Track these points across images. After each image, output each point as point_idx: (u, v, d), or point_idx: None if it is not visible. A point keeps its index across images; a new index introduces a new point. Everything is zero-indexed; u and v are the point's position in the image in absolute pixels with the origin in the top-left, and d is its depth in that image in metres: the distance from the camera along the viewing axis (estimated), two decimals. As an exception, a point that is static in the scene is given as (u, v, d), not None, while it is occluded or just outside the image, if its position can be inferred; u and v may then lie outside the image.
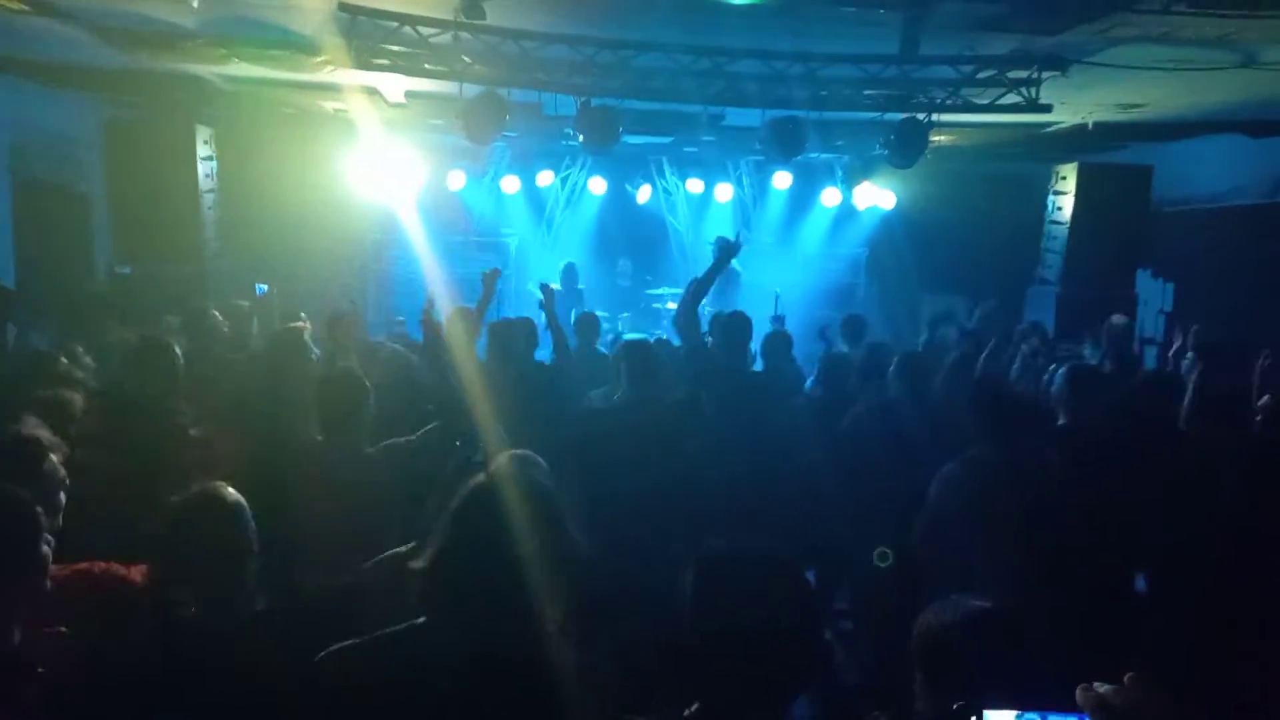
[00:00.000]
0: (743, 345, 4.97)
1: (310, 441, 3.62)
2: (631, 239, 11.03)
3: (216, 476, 2.45)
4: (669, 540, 2.76)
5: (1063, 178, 8.73)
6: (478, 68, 5.86)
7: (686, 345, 4.65)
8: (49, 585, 2.02)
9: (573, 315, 7.26)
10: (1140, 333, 8.59)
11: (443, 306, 4.36)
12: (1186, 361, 5.62)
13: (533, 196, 10.86)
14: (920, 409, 4.24)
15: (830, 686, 4.18)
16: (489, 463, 2.63)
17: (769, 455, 3.99)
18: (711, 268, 4.98)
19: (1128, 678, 1.07)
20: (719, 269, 4.99)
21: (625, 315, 10.37)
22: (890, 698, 2.03)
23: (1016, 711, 1.26)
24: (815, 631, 1.64)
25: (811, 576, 3.61)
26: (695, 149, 9.35)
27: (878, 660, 4.29)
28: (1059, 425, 4.02)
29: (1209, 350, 4.82)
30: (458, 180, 9.74)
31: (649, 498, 3.24)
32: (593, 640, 2.34)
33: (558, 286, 9.49)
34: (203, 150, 7.93)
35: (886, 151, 6.96)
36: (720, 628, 1.47)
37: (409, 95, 7.19)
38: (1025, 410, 3.58)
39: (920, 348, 6.27)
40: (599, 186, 10.51)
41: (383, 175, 8.71)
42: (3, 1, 4.85)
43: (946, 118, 6.62)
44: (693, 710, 1.50)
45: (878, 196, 10.11)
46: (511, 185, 10.35)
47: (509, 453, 2.86)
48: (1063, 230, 8.61)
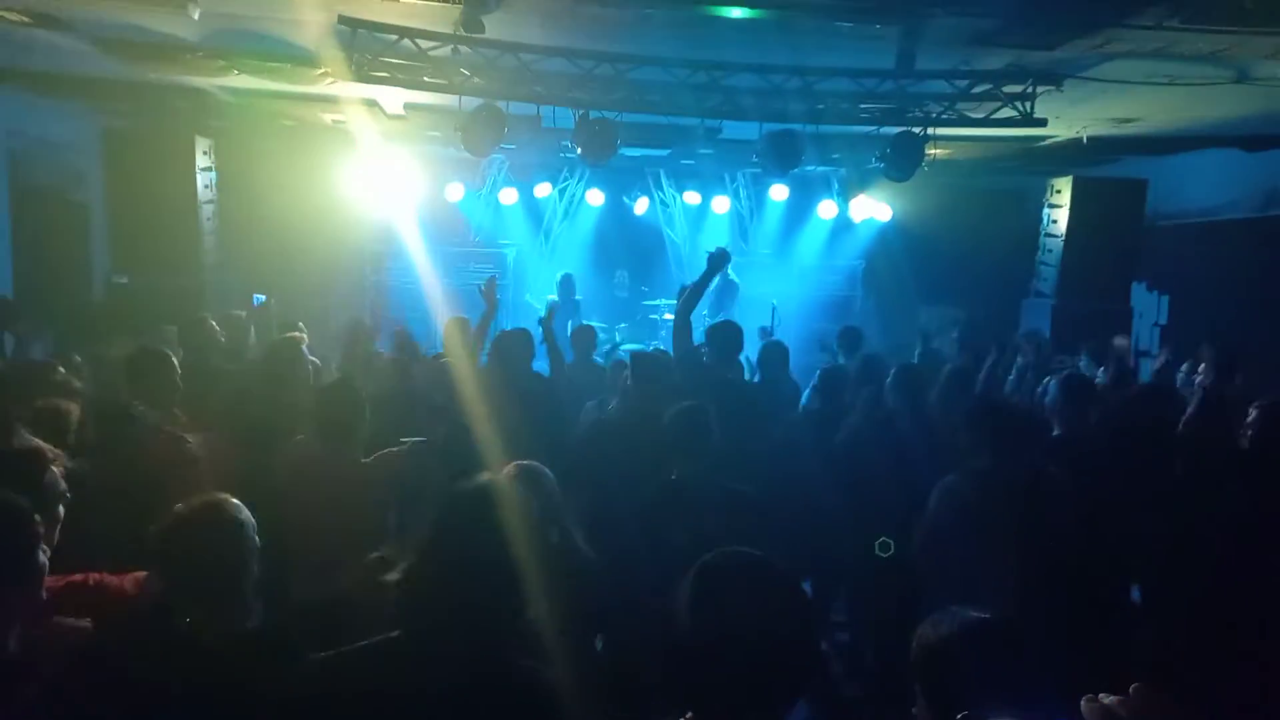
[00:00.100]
0: (732, 354, 4.98)
1: (307, 451, 3.62)
2: (629, 250, 11.07)
3: (213, 486, 2.44)
4: (668, 550, 2.76)
5: (1058, 191, 8.77)
6: (476, 81, 5.89)
7: (678, 353, 4.68)
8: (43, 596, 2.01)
9: (570, 326, 7.26)
10: (1135, 345, 8.61)
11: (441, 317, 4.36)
12: (1182, 374, 5.65)
13: (531, 208, 10.89)
14: (917, 421, 4.25)
15: (828, 697, 4.17)
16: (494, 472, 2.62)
17: (765, 467, 3.99)
18: (701, 277, 5.03)
19: (1133, 688, 1.07)
20: (708, 278, 5.03)
21: (622, 326, 10.40)
22: (888, 708, 2.03)
23: None
24: (811, 640, 1.64)
25: (808, 587, 3.63)
26: (693, 161, 9.38)
27: (875, 671, 4.28)
28: (1054, 436, 4.04)
29: (1224, 364, 4.82)
30: (456, 192, 9.77)
31: (649, 507, 3.24)
32: (579, 653, 2.32)
33: (554, 297, 9.57)
34: (202, 161, 7.94)
35: (883, 165, 7.00)
36: (716, 636, 1.47)
37: (408, 107, 7.22)
38: (1022, 422, 3.59)
39: (915, 359, 6.28)
40: (597, 198, 10.54)
41: (381, 187, 8.74)
42: (3, 13, 4.87)
43: (942, 131, 6.66)
44: (689, 718, 1.50)
45: (874, 209, 10.15)
46: (509, 197, 10.38)
47: (516, 463, 2.87)
48: (1058, 243, 8.64)
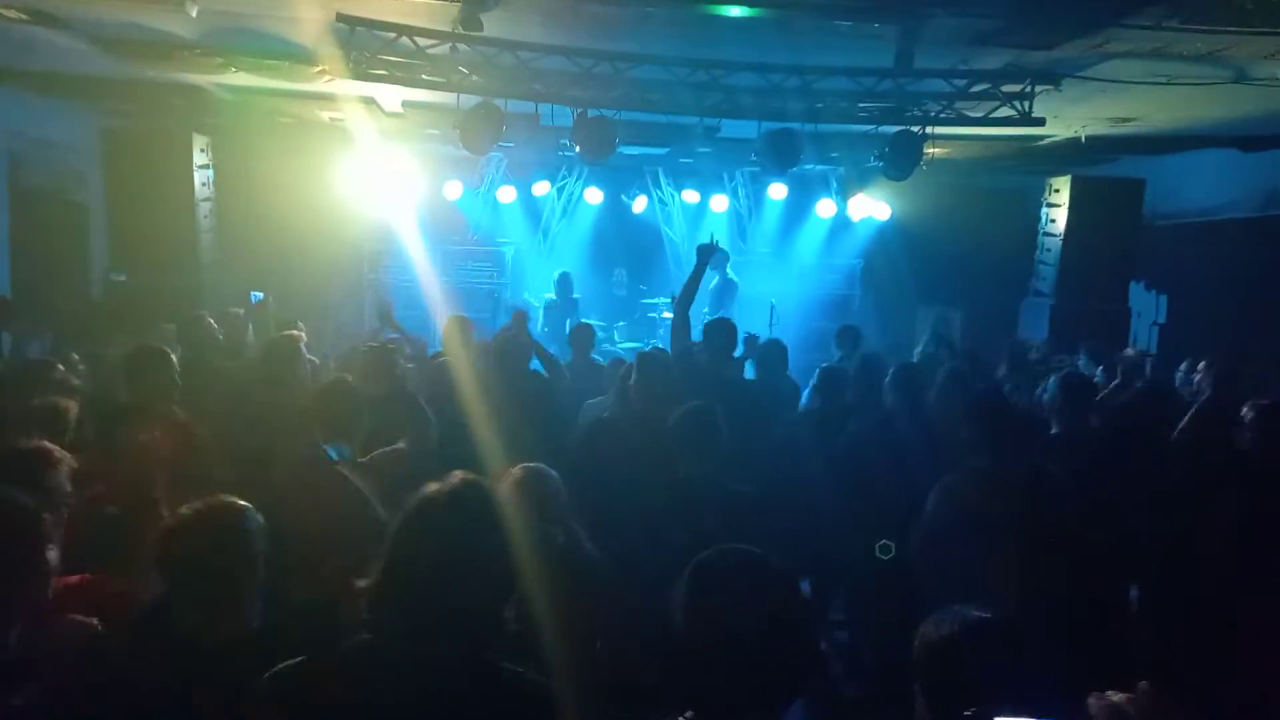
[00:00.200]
0: (726, 351, 5.01)
1: (305, 451, 3.61)
2: (627, 249, 11.07)
3: (210, 485, 2.43)
4: (669, 550, 2.76)
5: (1056, 190, 8.77)
6: (475, 78, 5.88)
7: (675, 351, 4.69)
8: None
9: (568, 325, 7.25)
10: (1134, 345, 8.62)
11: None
12: (1181, 373, 5.64)
13: (529, 206, 10.89)
14: (916, 421, 4.25)
15: (827, 697, 4.18)
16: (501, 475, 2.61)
17: (765, 467, 3.99)
18: (693, 270, 5.11)
19: (1140, 686, 1.07)
20: (700, 270, 5.10)
21: (621, 324, 10.40)
22: (888, 709, 2.03)
23: None
24: (808, 638, 1.64)
25: (807, 586, 3.63)
26: (691, 160, 9.37)
27: (875, 670, 4.28)
28: (1052, 434, 4.04)
29: (1225, 372, 4.80)
30: (454, 190, 9.76)
31: (653, 507, 3.23)
32: (579, 655, 2.31)
33: (552, 296, 9.56)
34: (200, 159, 7.94)
35: (881, 164, 7.00)
36: (712, 635, 1.47)
37: (406, 105, 7.21)
38: (1021, 421, 3.59)
39: (916, 358, 6.28)
40: (595, 196, 10.54)
41: (379, 184, 8.73)
42: (2, 10, 4.86)
43: (941, 130, 6.66)
44: (687, 717, 1.50)
45: (873, 208, 10.15)
46: (508, 195, 10.37)
47: (522, 465, 2.86)
48: (1056, 243, 8.64)
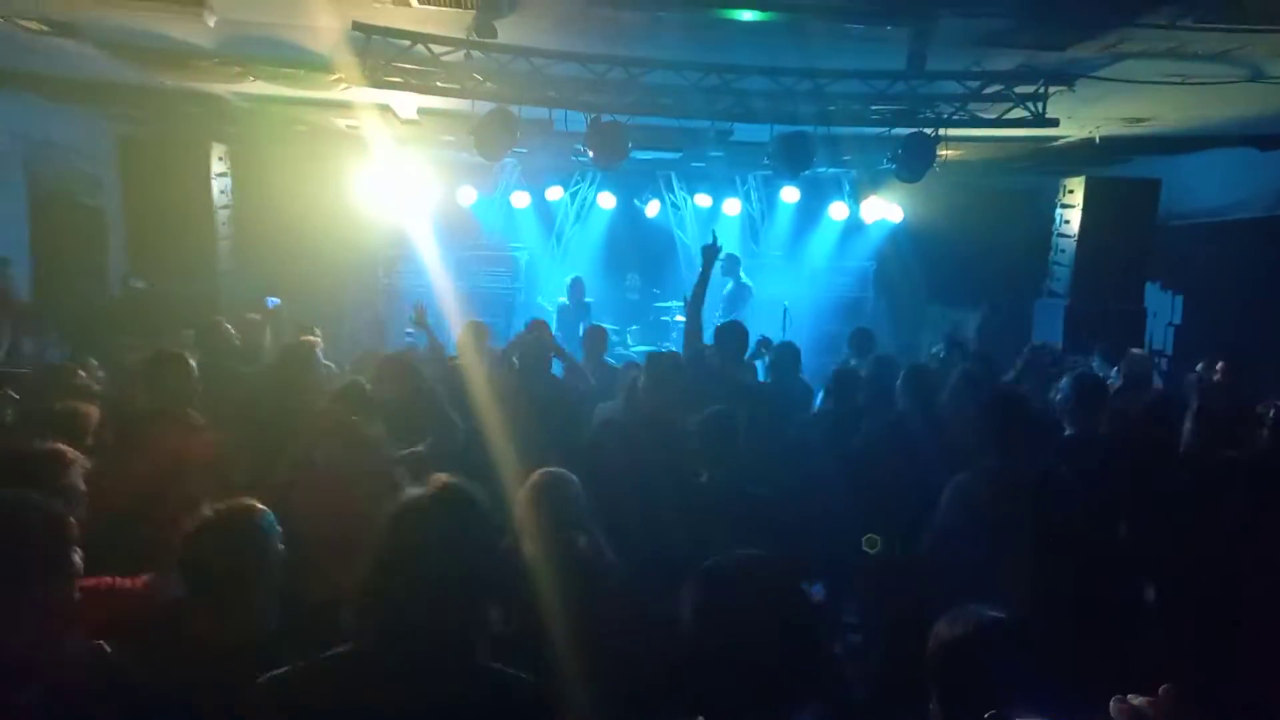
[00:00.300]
0: (737, 353, 5.01)
1: (321, 454, 3.64)
2: (640, 253, 11.11)
3: (228, 489, 2.45)
4: (680, 552, 2.77)
5: (1070, 191, 8.72)
6: (489, 85, 5.92)
7: (688, 355, 4.72)
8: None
9: (580, 329, 7.27)
10: (1150, 345, 8.56)
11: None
12: (1196, 374, 5.60)
13: (542, 211, 10.94)
14: (929, 422, 4.24)
15: (839, 699, 4.17)
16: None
17: (780, 469, 4.00)
18: (700, 273, 5.11)
19: (1162, 689, 1.08)
20: (706, 272, 5.11)
21: (634, 328, 10.42)
22: (901, 710, 2.03)
23: None
24: (817, 642, 1.64)
25: (821, 589, 3.63)
26: (704, 164, 9.39)
27: (888, 672, 4.27)
28: (1066, 436, 4.02)
29: (1235, 364, 4.75)
30: (468, 196, 9.82)
31: (657, 510, 3.25)
32: (595, 659, 2.32)
33: (565, 300, 9.60)
34: (217, 166, 8.01)
35: (894, 166, 6.99)
36: (723, 639, 1.48)
37: (421, 112, 7.27)
38: (1033, 420, 3.58)
39: (929, 360, 6.26)
40: (608, 201, 10.58)
41: (394, 191, 8.80)
42: (23, 22, 4.94)
43: (954, 132, 6.65)
44: (697, 721, 1.50)
45: (886, 210, 10.13)
46: (521, 200, 10.43)
47: (541, 470, 2.88)
48: (1071, 244, 8.58)
